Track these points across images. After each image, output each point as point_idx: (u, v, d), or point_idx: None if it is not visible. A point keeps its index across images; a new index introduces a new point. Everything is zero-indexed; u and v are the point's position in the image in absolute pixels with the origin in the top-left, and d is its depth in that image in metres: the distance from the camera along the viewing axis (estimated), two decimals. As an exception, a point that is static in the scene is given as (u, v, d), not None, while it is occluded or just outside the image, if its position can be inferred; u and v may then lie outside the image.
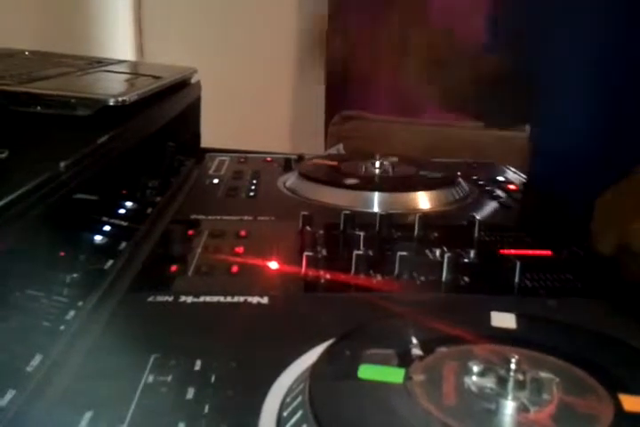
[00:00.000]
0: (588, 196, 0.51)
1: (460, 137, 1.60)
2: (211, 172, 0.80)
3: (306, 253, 0.48)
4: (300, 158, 0.84)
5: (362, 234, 0.52)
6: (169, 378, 0.33)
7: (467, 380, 0.30)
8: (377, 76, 1.88)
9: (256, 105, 1.86)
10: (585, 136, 0.66)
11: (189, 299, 0.42)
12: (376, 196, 0.66)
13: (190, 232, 0.56)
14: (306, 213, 0.57)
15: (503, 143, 1.55)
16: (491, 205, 0.69)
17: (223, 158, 0.87)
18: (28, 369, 0.33)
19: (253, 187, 0.72)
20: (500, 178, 0.80)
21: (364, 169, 0.73)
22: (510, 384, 0.29)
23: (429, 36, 0.67)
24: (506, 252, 0.52)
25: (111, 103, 0.57)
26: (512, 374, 0.29)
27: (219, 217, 0.61)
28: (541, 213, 0.67)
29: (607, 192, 0.50)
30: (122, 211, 0.56)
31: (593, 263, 0.50)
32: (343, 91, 1.89)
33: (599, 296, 0.45)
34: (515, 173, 0.85)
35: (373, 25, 1.83)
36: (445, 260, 0.47)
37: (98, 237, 0.49)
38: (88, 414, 0.30)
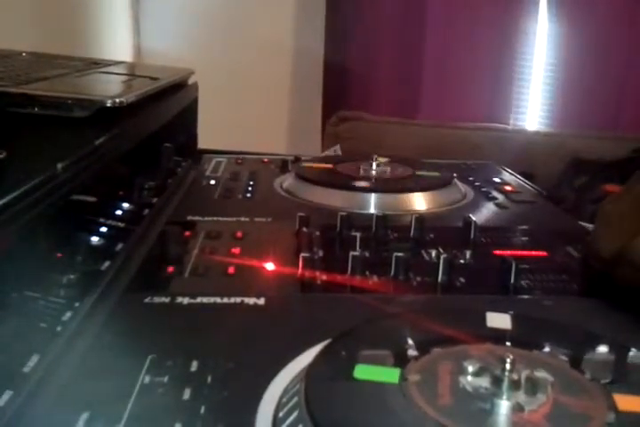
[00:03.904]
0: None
1: (456, 138, 1.61)
2: (207, 173, 0.80)
3: (302, 254, 0.48)
4: (297, 159, 0.84)
5: (358, 235, 0.52)
6: (165, 379, 0.33)
7: (462, 380, 0.30)
8: (375, 76, 1.88)
9: (253, 106, 1.86)
10: None
11: (186, 300, 0.42)
12: (372, 197, 0.66)
13: (187, 233, 0.56)
14: (302, 214, 0.58)
15: (499, 144, 1.56)
16: (487, 206, 0.69)
17: (220, 159, 0.87)
18: (25, 370, 0.33)
19: (250, 188, 0.72)
20: (496, 179, 0.80)
21: (360, 170, 0.73)
22: (505, 384, 0.29)
23: None
24: (501, 253, 0.53)
25: (108, 104, 0.57)
26: (507, 373, 0.29)
27: (215, 218, 0.61)
28: (539, 214, 0.67)
29: (611, 196, 0.50)
30: (118, 212, 0.56)
31: (587, 265, 0.50)
32: (340, 91, 1.89)
33: (594, 296, 0.45)
34: (511, 174, 0.85)
35: (371, 25, 1.84)
36: (441, 260, 0.48)
37: (94, 239, 0.49)
38: (85, 415, 0.30)
